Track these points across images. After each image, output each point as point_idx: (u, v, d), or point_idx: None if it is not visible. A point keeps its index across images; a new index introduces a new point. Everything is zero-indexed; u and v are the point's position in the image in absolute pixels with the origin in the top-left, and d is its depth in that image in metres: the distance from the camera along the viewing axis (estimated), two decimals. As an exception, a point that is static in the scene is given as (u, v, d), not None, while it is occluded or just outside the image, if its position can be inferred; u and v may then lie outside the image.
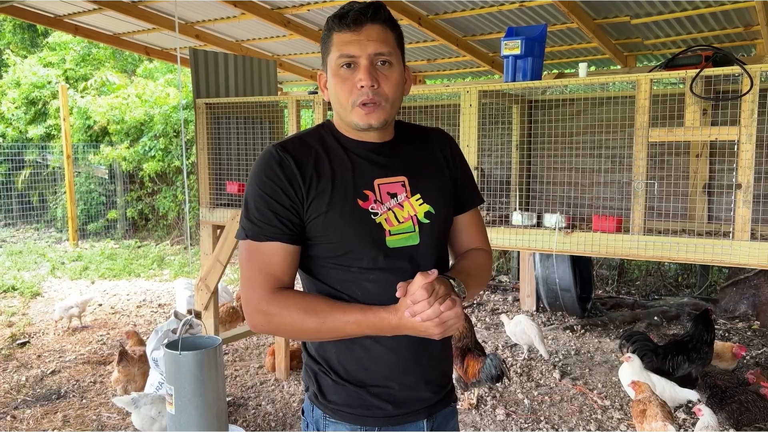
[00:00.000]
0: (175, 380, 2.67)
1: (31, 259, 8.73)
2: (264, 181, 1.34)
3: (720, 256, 2.66)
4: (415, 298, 1.20)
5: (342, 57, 1.32)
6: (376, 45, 1.31)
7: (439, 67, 6.84)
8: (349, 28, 1.31)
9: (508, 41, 3.10)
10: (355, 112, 1.33)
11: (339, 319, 1.28)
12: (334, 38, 1.33)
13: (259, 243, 1.33)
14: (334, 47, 1.33)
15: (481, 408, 3.96)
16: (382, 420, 1.40)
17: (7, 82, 11.49)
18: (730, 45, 5.22)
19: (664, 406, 3.25)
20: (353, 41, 1.31)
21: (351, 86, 1.32)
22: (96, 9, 5.20)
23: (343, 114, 1.37)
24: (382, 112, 1.34)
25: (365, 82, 1.30)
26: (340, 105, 1.36)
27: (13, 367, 4.74)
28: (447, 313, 1.20)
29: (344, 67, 1.32)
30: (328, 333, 1.31)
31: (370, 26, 1.32)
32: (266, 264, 1.33)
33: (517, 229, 3.16)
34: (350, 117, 1.35)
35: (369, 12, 1.32)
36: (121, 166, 10.29)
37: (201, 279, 4.17)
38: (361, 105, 1.32)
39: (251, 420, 3.84)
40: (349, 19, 1.31)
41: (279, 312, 1.31)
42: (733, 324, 5.68)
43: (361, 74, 1.30)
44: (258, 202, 1.34)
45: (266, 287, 1.32)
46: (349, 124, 1.37)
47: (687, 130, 2.75)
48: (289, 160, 1.34)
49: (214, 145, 4.13)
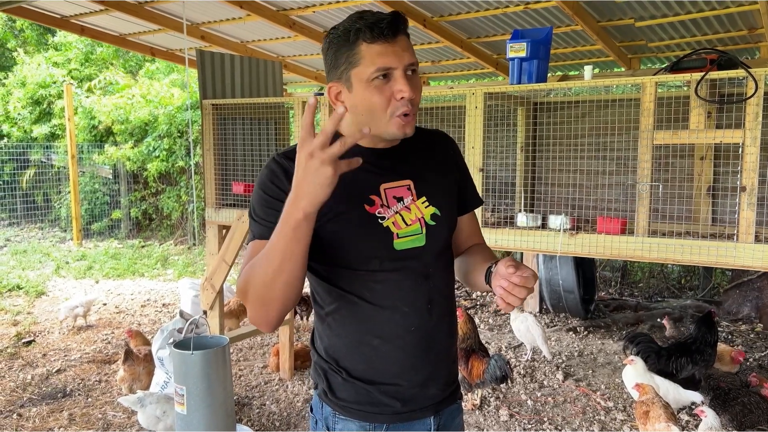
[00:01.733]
0: (187, 380, 2.68)
1: (35, 258, 8.76)
2: (268, 185, 1.36)
3: (724, 259, 2.67)
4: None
5: (379, 69, 1.29)
6: (409, 55, 1.32)
7: (443, 69, 6.86)
8: (385, 38, 1.29)
9: (514, 44, 3.12)
10: (393, 122, 1.33)
11: (268, 249, 1.22)
12: (364, 50, 1.30)
13: (264, 241, 1.33)
14: (365, 59, 1.30)
15: (485, 409, 3.97)
16: (390, 417, 1.42)
17: (12, 81, 11.54)
18: (734, 48, 5.23)
19: (667, 408, 3.27)
20: (389, 52, 1.30)
21: (388, 97, 1.31)
22: (102, 10, 5.23)
23: (376, 125, 1.34)
24: (414, 120, 1.37)
25: (408, 93, 1.30)
26: (373, 116, 1.34)
27: (18, 366, 4.77)
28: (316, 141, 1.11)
29: (379, 78, 1.30)
30: (271, 264, 1.22)
31: (401, 36, 1.32)
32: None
33: (522, 230, 3.18)
34: (386, 127, 1.34)
35: (400, 23, 1.31)
36: (125, 166, 10.32)
37: (206, 279, 4.19)
38: (402, 116, 1.33)
39: (256, 419, 3.86)
40: (384, 30, 1.29)
41: (243, 279, 1.28)
42: (736, 326, 5.68)
43: (401, 84, 1.30)
44: (263, 204, 1.36)
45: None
46: (383, 134, 1.36)
47: (692, 132, 2.77)
48: (293, 167, 1.35)
49: (220, 145, 4.16)
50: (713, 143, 3.22)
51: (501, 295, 1.23)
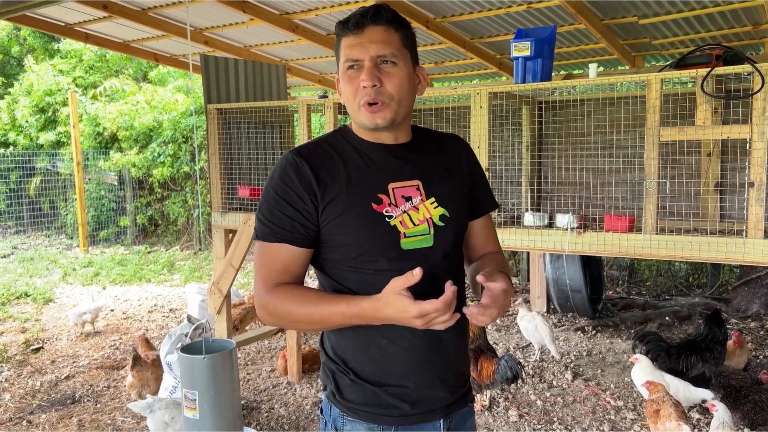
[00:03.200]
0: (197, 384, 2.68)
1: (42, 265, 8.79)
2: (278, 184, 1.38)
3: (733, 255, 2.66)
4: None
5: (348, 60, 1.37)
6: (378, 47, 1.35)
7: (446, 70, 6.86)
8: (351, 31, 1.37)
9: (518, 43, 3.11)
10: (361, 112, 1.38)
11: (327, 310, 1.32)
12: (342, 43, 1.39)
13: (268, 243, 1.38)
14: (342, 52, 1.39)
15: (494, 409, 3.96)
16: (398, 419, 1.42)
17: (18, 89, 11.60)
18: (739, 44, 5.21)
19: (678, 406, 3.24)
20: (356, 44, 1.36)
21: (356, 87, 1.37)
22: (106, 17, 5.25)
23: (353, 115, 1.41)
24: (388, 111, 1.37)
25: (366, 82, 1.35)
26: (349, 106, 1.41)
27: (27, 373, 4.78)
28: (427, 307, 1.20)
29: (350, 69, 1.37)
30: (318, 323, 1.37)
31: (371, 28, 1.36)
32: (272, 262, 1.39)
33: (529, 229, 3.17)
34: (359, 117, 1.40)
35: (369, 15, 1.36)
36: (131, 172, 10.36)
37: (214, 283, 4.20)
38: (366, 105, 1.36)
39: (264, 423, 3.86)
40: (350, 23, 1.37)
41: (276, 303, 1.36)
42: (745, 324, 5.65)
43: (363, 74, 1.35)
44: (271, 205, 1.38)
45: (269, 282, 1.38)
46: (359, 124, 1.42)
47: (698, 129, 2.75)
48: (305, 164, 1.38)
49: (225, 150, 4.16)
50: (720, 139, 3.20)
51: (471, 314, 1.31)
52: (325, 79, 7.38)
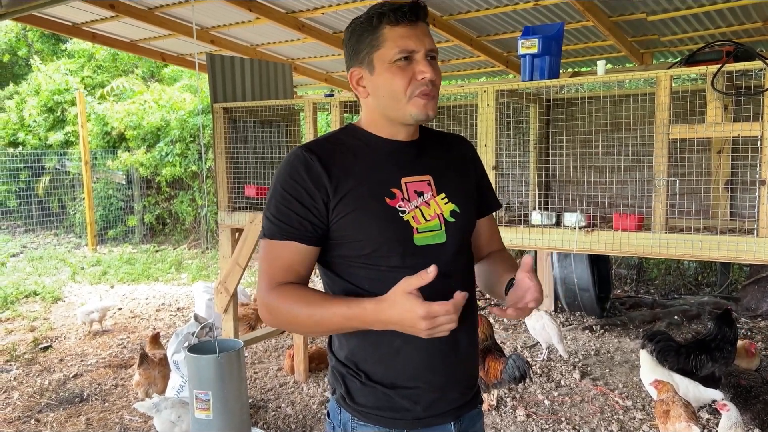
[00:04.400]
0: (211, 384, 2.68)
1: (51, 264, 8.84)
2: (287, 181, 1.36)
3: (744, 254, 2.62)
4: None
5: (402, 51, 1.33)
6: (430, 41, 1.36)
7: (453, 68, 6.83)
8: (408, 21, 1.34)
9: (525, 40, 3.09)
10: (413, 102, 1.34)
11: (327, 311, 1.28)
12: (387, 32, 1.34)
13: (274, 241, 1.36)
14: (388, 41, 1.33)
15: (501, 409, 3.94)
16: (411, 422, 1.40)
17: (26, 89, 11.66)
18: (748, 40, 5.16)
19: (688, 407, 3.22)
20: (411, 35, 1.33)
21: (410, 77, 1.33)
22: (113, 16, 5.26)
23: (396, 107, 1.36)
24: (435, 104, 1.38)
25: (429, 74, 1.33)
26: (393, 98, 1.35)
27: (36, 371, 4.81)
28: (436, 308, 1.16)
29: (402, 60, 1.33)
30: (318, 325, 1.32)
31: (422, 22, 1.36)
32: (277, 260, 1.36)
33: (537, 228, 3.14)
34: (406, 109, 1.35)
35: (421, 9, 1.36)
36: (139, 171, 10.39)
37: (220, 282, 4.20)
38: (420, 95, 1.34)
39: (271, 422, 3.86)
40: (407, 12, 1.33)
41: (277, 303, 1.33)
42: (755, 323, 5.60)
43: (422, 66, 1.33)
44: (279, 201, 1.36)
45: (273, 281, 1.35)
46: (403, 116, 1.37)
47: (708, 126, 2.72)
48: (315, 160, 1.35)
49: (231, 149, 4.16)
50: (731, 137, 3.17)
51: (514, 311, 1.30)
52: (332, 77, 7.37)
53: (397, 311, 1.19)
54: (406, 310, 1.17)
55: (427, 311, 1.15)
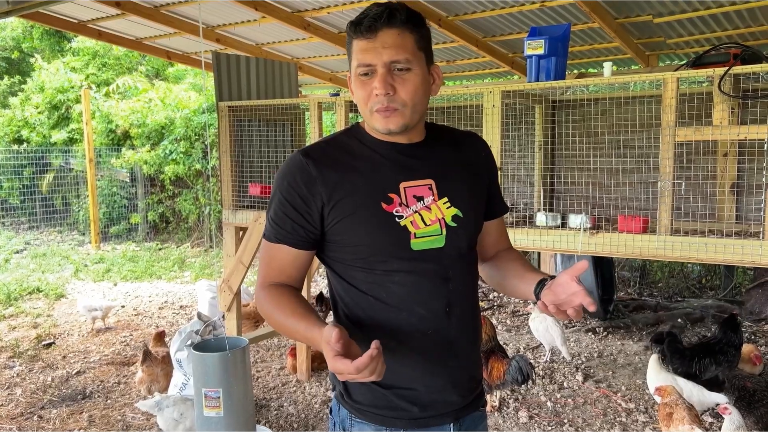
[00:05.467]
0: (219, 381, 2.68)
1: (54, 261, 8.86)
2: (284, 186, 1.38)
3: (750, 257, 2.62)
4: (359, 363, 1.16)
5: (360, 66, 1.32)
6: (391, 52, 1.29)
7: (458, 69, 6.82)
8: (363, 35, 1.30)
9: (532, 41, 3.08)
10: (374, 117, 1.35)
11: (292, 325, 1.34)
12: (354, 45, 1.34)
13: (270, 243, 1.41)
14: (353, 54, 1.34)
15: (504, 410, 3.93)
16: (407, 422, 1.40)
17: (31, 87, 11.68)
18: (755, 43, 5.14)
19: (691, 410, 3.20)
20: (369, 49, 1.30)
21: (369, 93, 1.32)
22: (119, 14, 5.27)
23: (366, 118, 1.39)
24: (400, 117, 1.33)
25: (379, 90, 1.30)
26: (361, 109, 1.38)
27: (39, 368, 4.81)
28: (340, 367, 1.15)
29: (362, 75, 1.33)
30: (286, 332, 1.40)
31: (385, 31, 1.30)
32: (272, 261, 1.41)
33: (542, 229, 3.14)
34: (371, 121, 1.37)
35: (383, 17, 1.29)
36: (143, 169, 10.41)
37: (224, 280, 4.20)
38: (377, 111, 1.33)
39: (274, 421, 3.86)
40: (363, 26, 1.30)
41: (264, 302, 1.40)
42: (759, 326, 5.58)
43: (376, 82, 1.30)
44: (276, 205, 1.39)
45: (265, 281, 1.41)
46: (372, 127, 1.39)
47: (715, 129, 2.71)
48: (311, 165, 1.36)
49: (236, 147, 4.16)
50: (737, 139, 3.16)
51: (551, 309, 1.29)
52: (337, 77, 7.37)
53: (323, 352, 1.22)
54: (326, 357, 1.20)
55: (333, 367, 1.17)
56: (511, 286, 1.51)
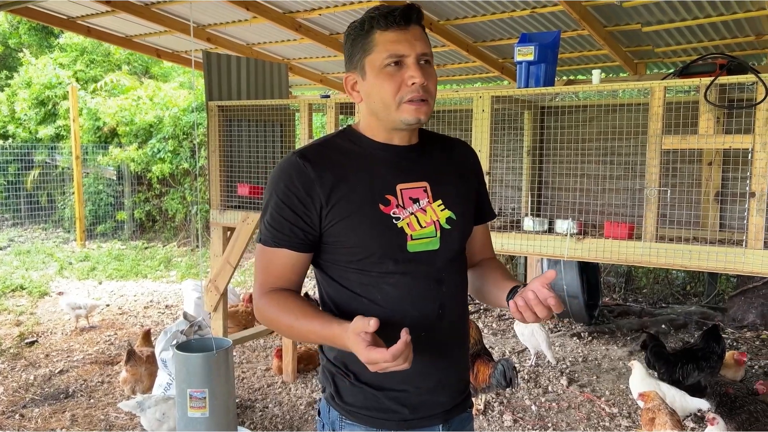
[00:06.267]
0: (204, 383, 2.67)
1: (39, 258, 8.77)
2: (280, 188, 1.36)
3: (733, 265, 2.65)
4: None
5: (391, 56, 1.32)
6: (422, 44, 1.34)
7: (448, 73, 6.85)
8: (398, 26, 1.32)
9: (522, 47, 3.11)
10: (403, 108, 1.33)
11: (304, 326, 1.32)
12: (377, 37, 1.33)
13: (267, 248, 1.38)
14: (378, 46, 1.33)
15: (489, 414, 3.95)
16: (397, 423, 1.40)
17: (18, 82, 11.56)
18: (741, 53, 5.21)
19: (673, 415, 3.24)
20: (402, 40, 1.32)
21: (399, 83, 1.32)
22: (109, 11, 5.23)
23: (386, 112, 1.36)
24: (428, 108, 1.36)
25: (418, 79, 1.31)
26: (383, 103, 1.35)
27: (21, 366, 4.76)
28: (375, 356, 1.16)
29: (391, 65, 1.32)
30: (297, 335, 1.40)
31: (414, 26, 1.34)
32: (270, 266, 1.39)
33: (528, 234, 3.16)
34: (396, 114, 1.35)
35: (414, 13, 1.34)
36: (130, 167, 10.33)
37: (211, 280, 4.19)
38: (409, 102, 1.33)
39: (258, 422, 3.85)
40: (396, 17, 1.31)
41: (266, 309, 1.38)
42: (741, 333, 5.65)
43: (412, 71, 1.31)
44: (272, 208, 1.37)
45: (265, 287, 1.40)
46: (394, 122, 1.37)
47: (701, 137, 2.75)
48: (308, 167, 1.35)
49: (225, 147, 4.15)
50: (722, 148, 3.20)
51: (521, 307, 1.27)
52: (327, 78, 7.37)
53: (350, 346, 1.22)
54: (354, 350, 1.20)
55: (367, 357, 1.17)
56: (487, 293, 1.53)
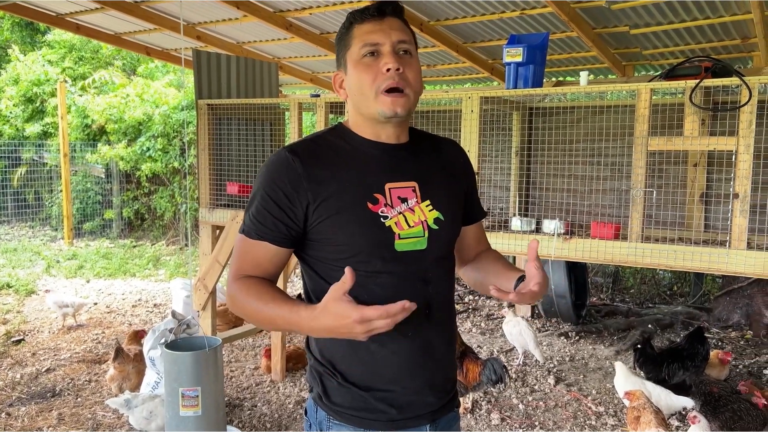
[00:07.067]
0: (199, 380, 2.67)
1: (26, 256, 8.70)
2: (267, 182, 1.36)
3: (717, 265, 2.69)
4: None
5: (366, 46, 1.33)
6: (399, 33, 1.35)
7: (438, 73, 6.88)
8: (372, 17, 1.35)
9: (511, 48, 3.13)
10: (380, 99, 1.33)
11: (273, 311, 1.29)
12: (355, 31, 1.36)
13: (247, 239, 1.38)
14: (355, 39, 1.35)
15: (476, 412, 3.97)
16: (385, 424, 1.40)
17: (5, 79, 11.46)
18: (728, 56, 5.28)
19: (658, 413, 3.28)
20: (377, 30, 1.34)
21: (375, 72, 1.33)
22: (98, 8, 5.21)
23: (366, 105, 1.37)
24: (406, 101, 1.35)
25: (392, 64, 1.32)
26: (362, 95, 1.36)
27: (7, 365, 4.73)
28: (369, 312, 1.14)
29: (368, 55, 1.34)
30: (265, 321, 1.34)
31: (391, 18, 1.36)
32: (248, 255, 1.39)
33: (516, 234, 3.19)
34: (374, 106, 1.35)
35: (389, 6, 1.36)
36: (119, 165, 10.27)
37: (199, 279, 4.18)
38: (386, 92, 1.33)
39: (247, 421, 3.85)
40: (371, 10, 1.35)
41: (237, 294, 1.36)
42: (726, 333, 5.71)
43: (386, 58, 1.32)
44: (258, 201, 1.37)
45: (239, 273, 1.38)
46: (373, 114, 1.37)
47: (686, 139, 2.79)
48: (297, 162, 1.35)
49: (215, 146, 4.15)
50: (707, 150, 3.24)
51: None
52: (317, 78, 7.38)
53: (331, 318, 1.18)
54: (340, 316, 1.16)
55: (361, 315, 1.13)
56: (489, 285, 1.53)
